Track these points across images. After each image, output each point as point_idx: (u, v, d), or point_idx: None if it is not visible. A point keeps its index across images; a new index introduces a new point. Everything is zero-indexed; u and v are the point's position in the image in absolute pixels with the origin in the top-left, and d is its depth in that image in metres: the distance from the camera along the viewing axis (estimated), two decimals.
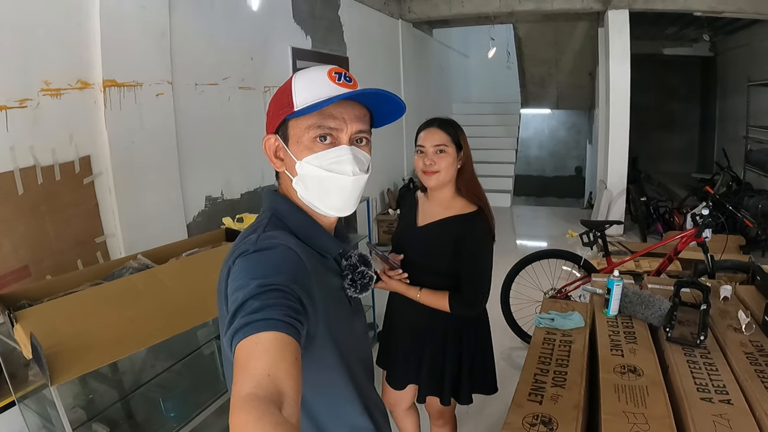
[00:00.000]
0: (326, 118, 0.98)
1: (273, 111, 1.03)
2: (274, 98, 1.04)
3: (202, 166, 3.48)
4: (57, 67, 2.45)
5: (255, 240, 0.94)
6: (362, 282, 1.07)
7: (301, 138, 0.99)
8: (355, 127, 1.00)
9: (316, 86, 0.98)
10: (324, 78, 0.99)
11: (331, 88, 0.98)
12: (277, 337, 0.74)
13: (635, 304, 2.19)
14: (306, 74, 1.01)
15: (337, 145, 0.99)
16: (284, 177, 1.06)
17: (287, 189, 1.06)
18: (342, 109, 0.99)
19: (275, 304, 0.78)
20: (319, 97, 0.96)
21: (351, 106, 1.00)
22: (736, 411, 1.51)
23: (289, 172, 1.03)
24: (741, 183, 6.72)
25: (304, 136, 0.98)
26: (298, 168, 1.00)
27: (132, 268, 2.03)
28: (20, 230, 2.31)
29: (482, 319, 2.08)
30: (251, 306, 0.78)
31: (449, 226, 1.90)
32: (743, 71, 7.65)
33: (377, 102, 1.03)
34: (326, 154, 0.98)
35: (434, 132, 1.90)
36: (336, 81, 0.98)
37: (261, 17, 4.08)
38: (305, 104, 0.96)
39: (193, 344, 2.50)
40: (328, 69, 1.00)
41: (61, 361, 1.49)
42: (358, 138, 1.02)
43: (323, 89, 0.97)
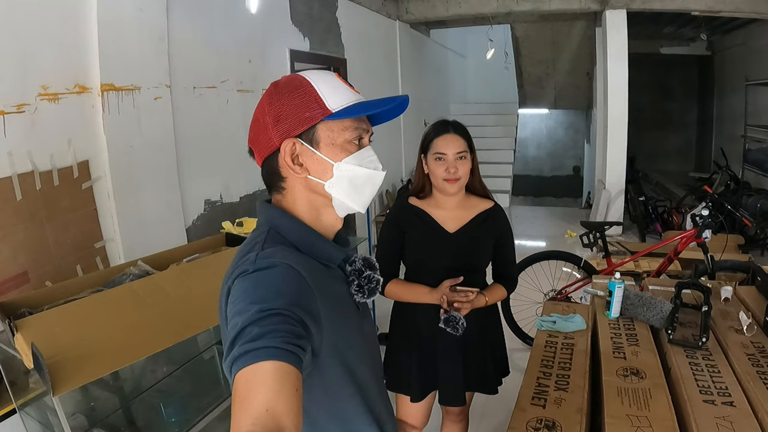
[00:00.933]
0: (361, 122, 1.02)
1: (288, 113, 0.97)
2: (284, 101, 0.98)
3: (201, 170, 3.47)
4: (55, 72, 2.44)
5: (254, 259, 0.91)
6: (369, 287, 1.05)
7: (336, 140, 0.99)
8: (370, 129, 1.06)
9: (340, 90, 1.00)
10: (339, 82, 1.01)
11: (351, 93, 1.01)
12: (277, 366, 0.73)
13: (636, 306, 2.19)
14: (321, 77, 1.00)
15: (364, 147, 1.03)
16: (297, 183, 1.02)
17: (295, 197, 1.03)
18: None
19: (275, 330, 0.77)
20: (348, 101, 0.98)
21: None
22: (738, 413, 1.50)
23: (317, 177, 1.00)
24: (739, 182, 6.73)
25: (340, 138, 0.99)
26: (336, 170, 0.99)
27: (132, 275, 2.02)
28: (19, 236, 2.30)
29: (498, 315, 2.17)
30: (250, 333, 0.76)
31: (486, 223, 1.98)
32: (741, 70, 7.67)
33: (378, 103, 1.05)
34: (362, 154, 1.02)
35: (454, 139, 1.89)
36: (349, 86, 1.03)
37: (258, 19, 4.07)
38: (340, 107, 0.97)
39: (194, 350, 2.50)
40: (333, 73, 1.03)
41: (62, 371, 1.48)
42: (370, 139, 1.07)
43: (347, 94, 1.00)
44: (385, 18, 6.93)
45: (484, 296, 1.92)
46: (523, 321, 3.85)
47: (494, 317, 2.13)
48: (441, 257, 1.93)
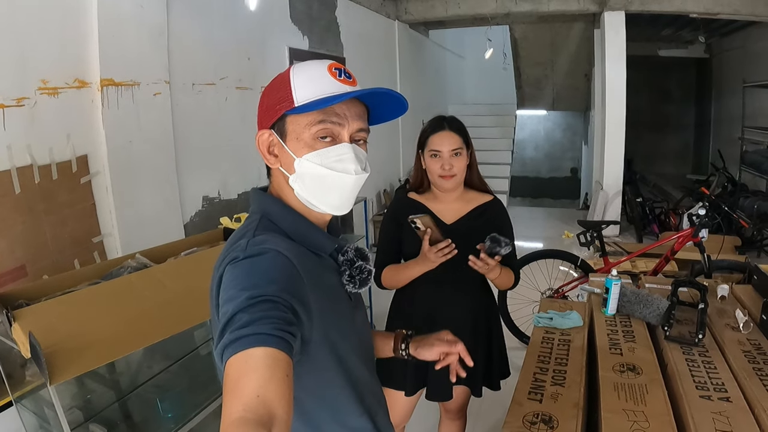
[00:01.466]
0: (329, 115, 0.94)
1: (268, 105, 0.99)
2: (269, 91, 1.00)
3: (199, 166, 3.47)
4: (54, 66, 2.45)
5: (245, 246, 0.90)
6: (361, 277, 1.04)
7: (301, 135, 0.95)
8: (356, 125, 0.98)
9: (317, 82, 0.95)
10: (325, 73, 0.96)
11: (334, 84, 0.95)
12: (267, 353, 0.73)
13: (633, 303, 2.19)
14: (305, 68, 0.97)
15: (338, 143, 0.96)
16: (278, 174, 1.02)
17: (280, 187, 1.03)
18: (344, 107, 0.96)
19: (266, 317, 0.76)
20: (322, 94, 0.93)
21: (352, 103, 0.98)
22: (735, 408, 1.51)
23: (284, 169, 0.99)
24: (736, 184, 6.74)
25: (305, 132, 0.95)
26: (297, 165, 0.96)
27: (130, 268, 2.02)
28: (17, 230, 2.30)
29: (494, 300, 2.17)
30: (241, 320, 0.76)
31: (486, 215, 1.99)
32: (738, 73, 7.69)
33: (378, 100, 1.01)
34: (328, 152, 0.95)
35: (449, 136, 1.89)
36: (337, 77, 0.96)
37: (258, 17, 4.07)
38: (306, 100, 0.93)
39: (190, 345, 2.49)
40: (328, 64, 0.97)
41: (59, 360, 1.48)
42: (358, 138, 0.99)
43: (325, 85, 0.94)
44: (384, 18, 6.95)
45: (499, 267, 1.87)
46: (520, 320, 3.85)
47: (493, 314, 2.12)
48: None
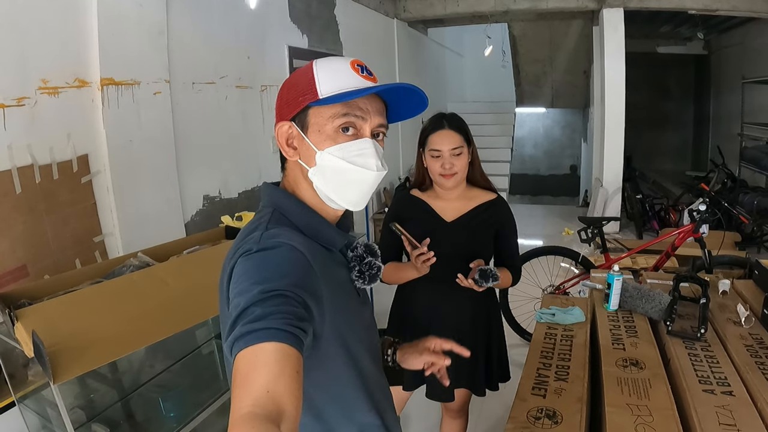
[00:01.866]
0: (353, 108, 0.95)
1: (289, 96, 0.99)
2: (290, 84, 1.01)
3: (199, 165, 3.47)
4: (54, 66, 2.44)
5: (258, 238, 0.91)
6: (370, 273, 1.05)
7: (323, 127, 0.96)
8: (377, 120, 0.99)
9: (340, 76, 0.96)
10: (348, 69, 0.97)
11: (356, 79, 0.96)
12: (278, 348, 0.73)
13: (635, 299, 2.20)
14: (328, 63, 0.98)
15: (360, 138, 0.97)
16: (294, 167, 1.03)
17: (296, 181, 1.03)
18: (366, 102, 0.97)
19: (278, 311, 0.76)
20: (345, 88, 0.94)
21: (373, 99, 0.99)
22: (738, 402, 1.52)
23: (304, 162, 0.99)
24: (736, 180, 6.74)
25: (328, 125, 0.96)
26: (318, 158, 0.96)
27: (132, 266, 2.02)
28: (18, 230, 2.30)
29: (496, 301, 2.16)
30: (253, 313, 0.76)
31: (487, 213, 1.97)
32: (737, 69, 7.69)
33: (397, 97, 1.02)
34: (350, 145, 0.96)
35: (449, 135, 1.88)
36: (359, 73, 0.97)
37: (258, 16, 4.07)
38: (331, 93, 0.94)
39: (192, 344, 2.49)
40: (351, 60, 0.98)
41: (62, 360, 1.48)
42: (377, 132, 1.00)
43: (348, 80, 0.95)
44: (383, 16, 6.94)
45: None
46: (522, 317, 3.85)
47: (494, 313, 2.11)
48: (437, 245, 1.91)
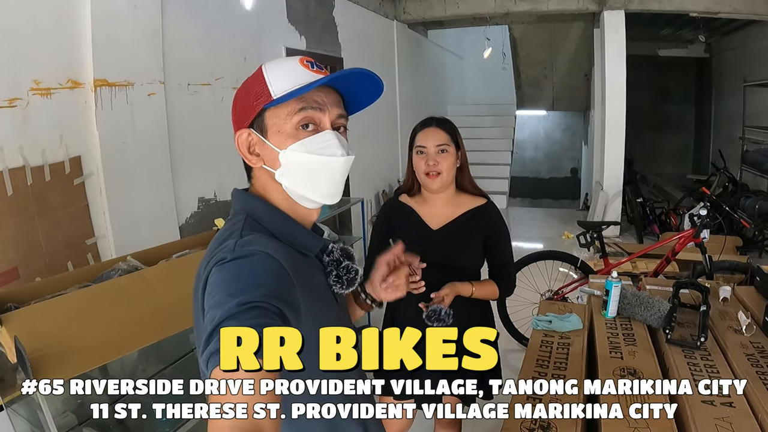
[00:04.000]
0: (309, 102, 0.95)
1: (244, 104, 0.99)
2: (242, 92, 1.00)
3: (194, 167, 3.44)
4: (47, 66, 2.41)
5: (232, 247, 0.89)
6: (348, 277, 1.03)
7: (282, 127, 0.95)
8: (336, 111, 0.98)
9: (291, 74, 0.95)
10: (297, 66, 0.96)
11: (308, 75, 0.95)
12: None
13: (634, 306, 2.16)
14: (277, 64, 0.98)
15: (320, 131, 0.96)
16: (261, 174, 1.01)
17: (263, 187, 1.02)
18: (322, 94, 0.96)
19: (254, 324, 0.75)
20: (298, 84, 0.93)
21: (329, 91, 0.98)
22: (738, 414, 1.48)
23: (269, 166, 0.98)
24: (737, 184, 6.71)
25: (286, 124, 0.95)
26: (282, 158, 0.95)
27: (121, 270, 1.99)
28: (9, 232, 2.27)
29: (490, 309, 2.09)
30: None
31: (475, 220, 1.91)
32: (739, 72, 7.65)
33: (353, 86, 1.01)
34: (313, 140, 0.95)
35: (435, 131, 1.86)
36: (310, 68, 0.96)
37: (254, 17, 4.05)
38: (284, 91, 0.93)
39: (185, 347, 2.46)
40: (298, 58, 0.98)
41: (46, 365, 1.45)
42: (338, 125, 0.99)
43: (299, 76, 0.95)
44: (382, 18, 6.91)
45: (470, 284, 1.86)
46: (519, 321, 3.83)
47: (486, 320, 2.05)
48: (423, 254, 1.88)
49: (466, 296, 1.85)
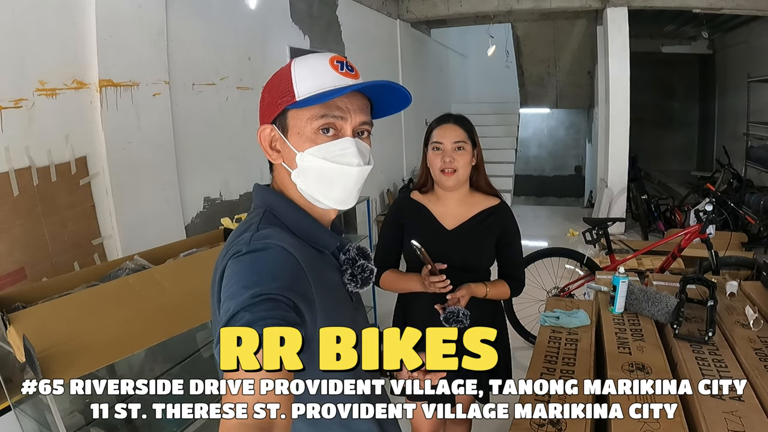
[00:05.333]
0: (331, 109, 0.93)
1: (269, 99, 0.99)
2: (270, 86, 1.00)
3: (200, 167, 3.44)
4: (52, 67, 2.43)
5: (248, 240, 0.89)
6: (362, 276, 1.03)
7: (302, 129, 0.94)
8: (358, 118, 0.96)
9: (318, 75, 0.94)
10: (326, 66, 0.95)
11: (335, 77, 0.94)
12: None
13: (641, 301, 2.15)
14: (306, 62, 0.97)
15: (340, 137, 0.95)
16: (280, 169, 1.01)
17: (283, 182, 1.02)
18: (347, 100, 0.95)
19: (268, 316, 0.75)
20: (323, 87, 0.92)
21: (355, 96, 0.96)
22: (747, 407, 1.48)
23: (287, 165, 0.98)
24: (742, 180, 6.68)
25: (307, 127, 0.94)
26: (299, 160, 0.95)
27: (128, 269, 1.99)
28: (16, 232, 2.28)
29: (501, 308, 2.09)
30: (242, 319, 0.74)
31: (489, 221, 1.91)
32: (743, 68, 7.63)
33: (381, 93, 0.99)
34: (330, 146, 0.94)
35: (452, 128, 1.84)
36: (339, 70, 0.95)
37: (258, 17, 4.05)
38: (308, 94, 0.93)
39: (192, 347, 2.47)
40: (330, 57, 0.96)
41: (54, 364, 1.46)
42: (361, 130, 0.98)
43: (326, 79, 0.93)
44: (385, 17, 6.91)
45: (484, 285, 1.86)
46: (526, 319, 3.81)
47: (498, 319, 2.04)
48: (438, 254, 1.84)
49: (480, 297, 1.85)
